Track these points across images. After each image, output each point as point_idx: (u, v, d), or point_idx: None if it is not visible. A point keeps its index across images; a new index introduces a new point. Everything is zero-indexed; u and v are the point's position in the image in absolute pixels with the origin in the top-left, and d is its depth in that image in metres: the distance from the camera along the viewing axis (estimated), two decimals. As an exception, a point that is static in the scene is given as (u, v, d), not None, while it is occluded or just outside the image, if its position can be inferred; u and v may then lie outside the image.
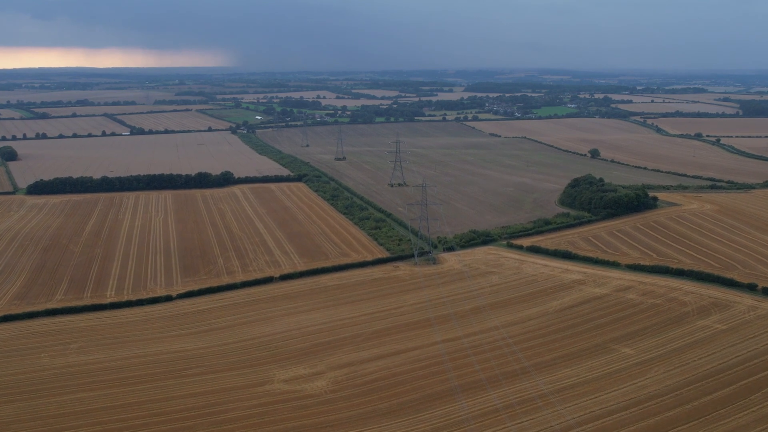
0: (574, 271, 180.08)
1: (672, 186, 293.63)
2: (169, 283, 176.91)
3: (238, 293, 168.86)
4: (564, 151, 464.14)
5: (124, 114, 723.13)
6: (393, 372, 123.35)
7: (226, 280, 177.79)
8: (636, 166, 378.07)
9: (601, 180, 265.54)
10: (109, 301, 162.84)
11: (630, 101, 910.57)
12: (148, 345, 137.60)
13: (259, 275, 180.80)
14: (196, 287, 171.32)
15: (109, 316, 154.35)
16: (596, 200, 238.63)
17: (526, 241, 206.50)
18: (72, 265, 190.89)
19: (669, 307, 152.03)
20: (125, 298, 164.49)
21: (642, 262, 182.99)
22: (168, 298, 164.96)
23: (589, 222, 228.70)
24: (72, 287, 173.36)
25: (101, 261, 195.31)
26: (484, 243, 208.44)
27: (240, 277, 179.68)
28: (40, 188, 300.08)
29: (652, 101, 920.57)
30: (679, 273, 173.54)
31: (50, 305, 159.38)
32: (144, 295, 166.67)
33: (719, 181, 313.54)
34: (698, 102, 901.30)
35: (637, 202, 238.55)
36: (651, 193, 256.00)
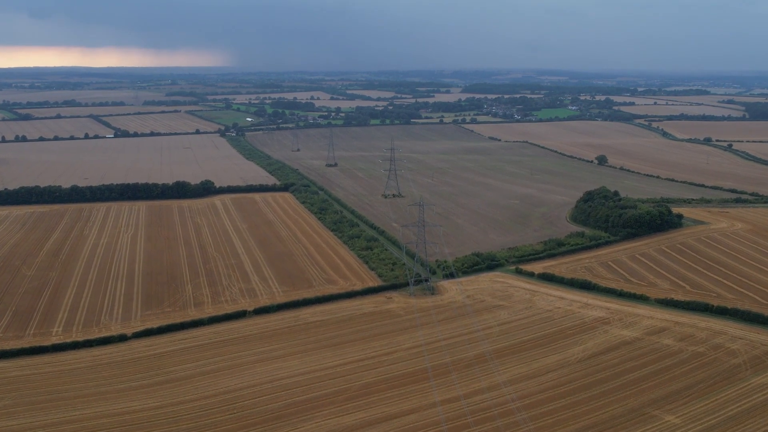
0: (596, 305, 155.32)
1: (694, 199, 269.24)
2: (126, 316, 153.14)
3: (204, 331, 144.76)
4: (569, 156, 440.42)
5: (111, 115, 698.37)
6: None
7: (192, 314, 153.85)
8: (648, 175, 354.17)
9: (616, 193, 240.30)
10: (52, 342, 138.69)
11: (632, 103, 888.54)
12: (87, 404, 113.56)
13: (230, 308, 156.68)
14: (156, 323, 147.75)
15: (49, 362, 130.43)
16: (614, 218, 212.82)
17: (537, 267, 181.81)
18: (20, 293, 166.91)
19: (715, 357, 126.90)
20: (72, 337, 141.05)
21: (674, 296, 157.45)
22: (122, 338, 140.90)
23: (608, 243, 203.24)
24: (15, 321, 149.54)
25: (54, 288, 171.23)
26: (490, 268, 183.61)
27: (209, 310, 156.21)
28: (3, 198, 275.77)
29: (655, 103, 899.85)
30: (722, 312, 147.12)
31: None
32: (95, 333, 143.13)
33: (743, 193, 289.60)
34: (702, 104, 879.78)
35: (661, 220, 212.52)
36: (674, 209, 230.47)
